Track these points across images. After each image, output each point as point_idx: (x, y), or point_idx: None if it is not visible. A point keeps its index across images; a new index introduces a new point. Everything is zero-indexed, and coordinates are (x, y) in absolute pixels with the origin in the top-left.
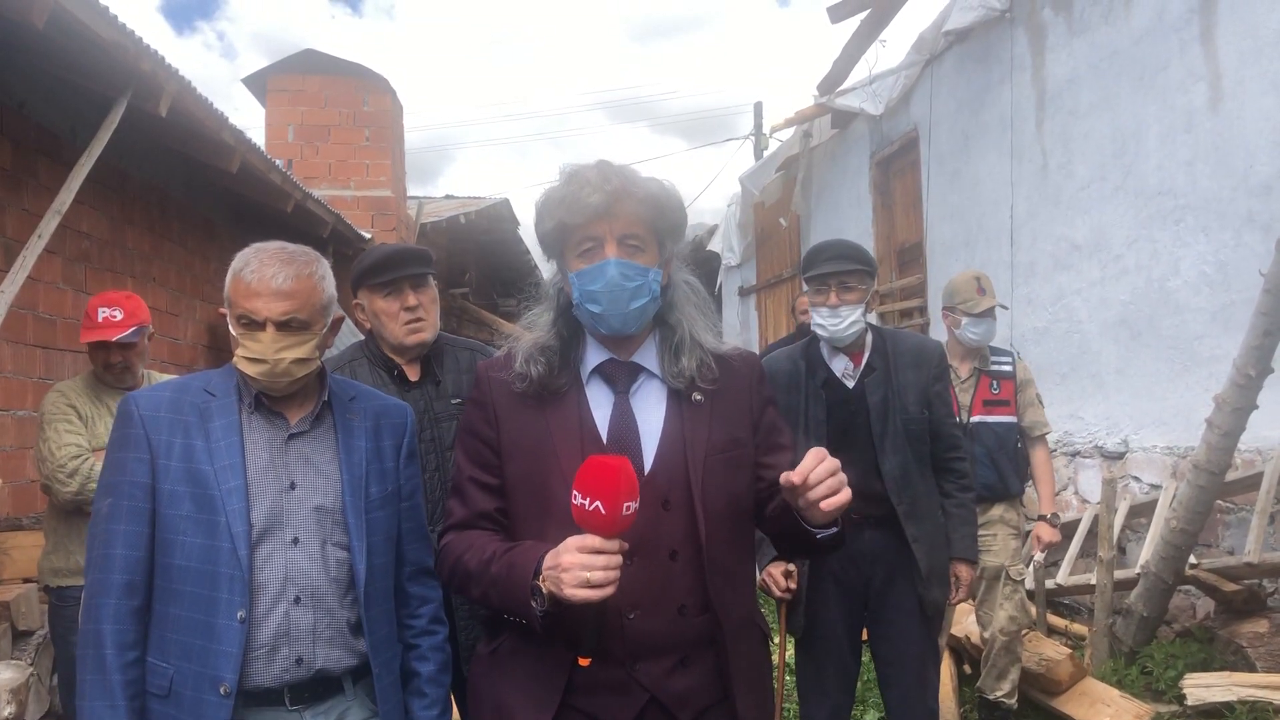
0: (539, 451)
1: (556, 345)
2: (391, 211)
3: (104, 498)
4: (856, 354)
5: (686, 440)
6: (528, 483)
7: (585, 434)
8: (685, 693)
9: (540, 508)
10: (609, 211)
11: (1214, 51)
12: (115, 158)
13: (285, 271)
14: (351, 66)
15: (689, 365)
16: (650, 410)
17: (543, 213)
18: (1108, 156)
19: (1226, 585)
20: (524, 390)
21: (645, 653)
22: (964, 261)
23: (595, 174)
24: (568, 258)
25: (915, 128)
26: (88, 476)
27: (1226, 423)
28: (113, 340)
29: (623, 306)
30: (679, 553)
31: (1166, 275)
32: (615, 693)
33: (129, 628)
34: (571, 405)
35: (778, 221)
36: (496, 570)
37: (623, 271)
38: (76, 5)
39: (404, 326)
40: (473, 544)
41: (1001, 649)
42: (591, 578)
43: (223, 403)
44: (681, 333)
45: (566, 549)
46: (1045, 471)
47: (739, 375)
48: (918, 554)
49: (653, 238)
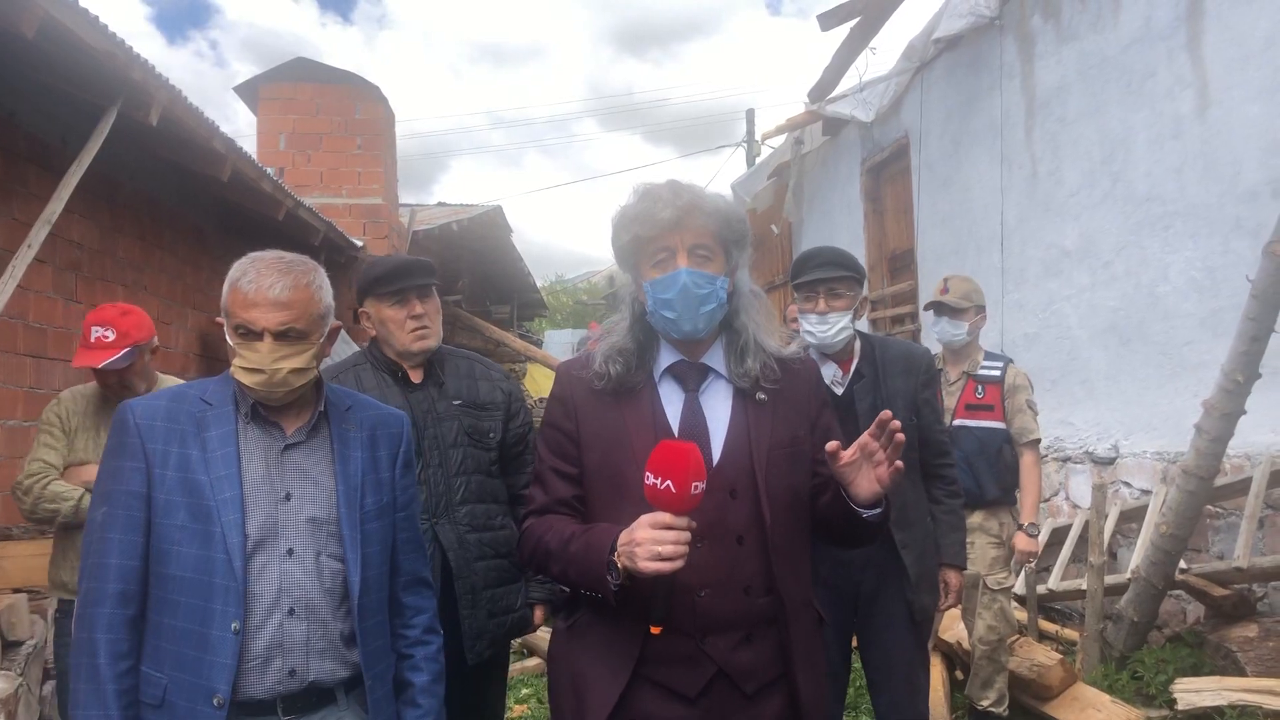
0: (615, 442)
1: (633, 348)
2: (384, 219)
3: (99, 506)
4: (845, 361)
5: (751, 435)
6: (605, 470)
7: (658, 427)
8: (750, 666)
9: (616, 493)
10: (680, 224)
11: (1201, 59)
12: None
13: (283, 282)
14: (343, 75)
15: (753, 366)
16: (718, 407)
17: (619, 227)
18: (1097, 163)
19: (1216, 590)
20: (603, 388)
21: (714, 628)
22: (954, 268)
23: (667, 191)
24: (642, 268)
25: (906, 134)
26: (39, 497)
27: (1215, 428)
28: (98, 367)
29: (694, 312)
30: (745, 538)
31: (1155, 281)
32: (685, 664)
33: (123, 637)
34: (645, 401)
35: (770, 228)
36: (575, 549)
37: (694, 280)
38: (67, 14)
39: (411, 334)
40: (553, 526)
41: (983, 658)
42: (663, 551)
43: (219, 412)
44: (746, 336)
45: (640, 525)
46: (1030, 480)
47: (799, 377)
48: (907, 560)
49: (720, 248)
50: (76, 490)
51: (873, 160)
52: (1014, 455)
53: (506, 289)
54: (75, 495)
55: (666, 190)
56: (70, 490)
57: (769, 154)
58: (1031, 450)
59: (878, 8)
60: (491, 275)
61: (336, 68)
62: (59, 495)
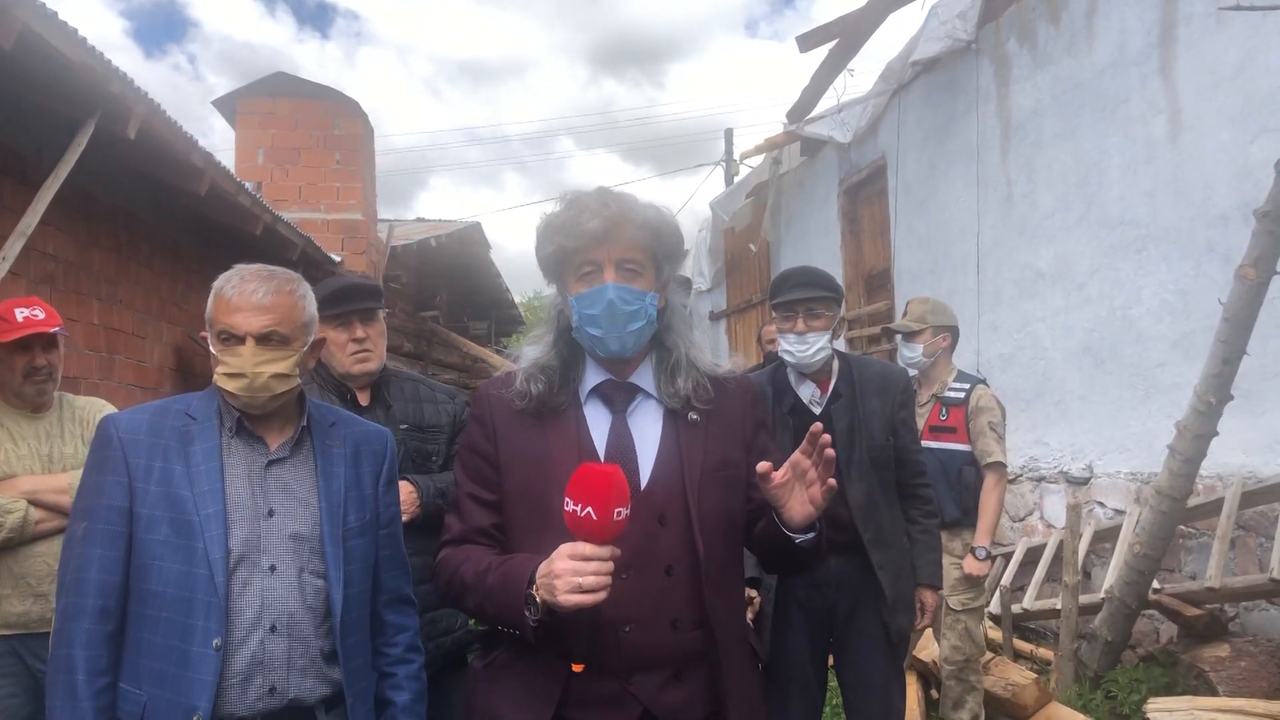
0: (537, 466)
1: (557, 365)
2: (362, 234)
3: (79, 521)
4: (823, 380)
5: (683, 458)
6: (526, 496)
7: (583, 450)
8: (679, 706)
9: (539, 520)
10: (608, 236)
11: (1174, 85)
12: (82, 179)
13: (266, 287)
14: (322, 90)
15: (685, 386)
16: (647, 429)
17: (543, 237)
18: (1071, 186)
19: (1188, 610)
20: (524, 408)
21: (640, 666)
22: (930, 288)
23: (594, 200)
24: (567, 281)
25: (883, 156)
26: None
27: (1188, 449)
28: (50, 331)
29: (621, 329)
30: (674, 567)
31: (1129, 303)
32: (610, 706)
33: (101, 653)
34: (570, 423)
35: (748, 247)
36: (492, 581)
37: (621, 295)
38: (45, 27)
39: (350, 356)
40: (469, 557)
41: (950, 678)
42: (584, 583)
43: (203, 426)
44: (678, 354)
45: (559, 556)
46: (987, 502)
47: (733, 397)
48: (883, 580)
49: (650, 262)
50: (19, 502)
51: (850, 181)
52: (977, 477)
53: (484, 304)
54: (20, 507)
55: (594, 200)
56: (12, 502)
57: (747, 173)
58: (993, 473)
59: (856, 30)
60: (469, 291)
61: (315, 83)
62: (2, 508)
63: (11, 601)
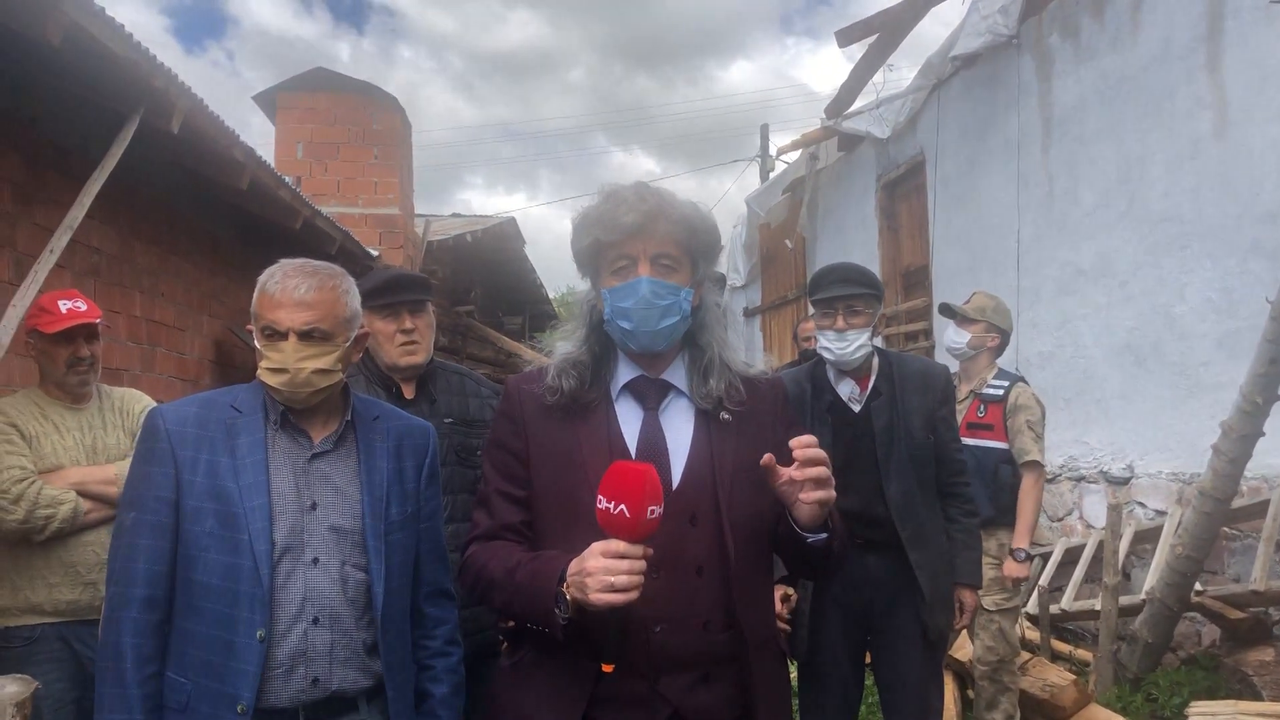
0: (567, 462)
1: (588, 360)
2: (399, 229)
3: (128, 511)
4: (863, 378)
5: (714, 458)
6: (555, 492)
7: (614, 447)
8: (708, 708)
9: (568, 517)
10: (643, 230)
11: (1220, 80)
12: (125, 173)
13: (308, 283)
14: (360, 85)
15: (717, 386)
16: (678, 428)
17: (579, 229)
18: (1113, 183)
19: (1232, 613)
20: (554, 403)
21: (669, 667)
22: (969, 285)
23: (632, 193)
24: (602, 274)
25: (922, 151)
26: (35, 501)
27: (1233, 449)
28: (92, 323)
29: (653, 324)
30: (704, 568)
31: (1172, 301)
32: (638, 706)
33: (148, 642)
34: (600, 419)
35: (783, 243)
36: (520, 578)
37: (654, 290)
38: (92, 22)
39: (399, 348)
40: (497, 553)
41: (983, 679)
42: (615, 582)
43: (249, 419)
44: (711, 354)
45: (591, 554)
46: (1025, 502)
47: (764, 398)
48: (921, 579)
49: (686, 258)
50: (70, 493)
51: (888, 177)
52: (1014, 475)
53: (519, 300)
54: (71, 498)
55: (631, 193)
56: (64, 493)
57: (783, 169)
58: (1030, 472)
59: (895, 25)
60: (504, 286)
61: (354, 78)
62: (55, 499)
63: (61, 590)
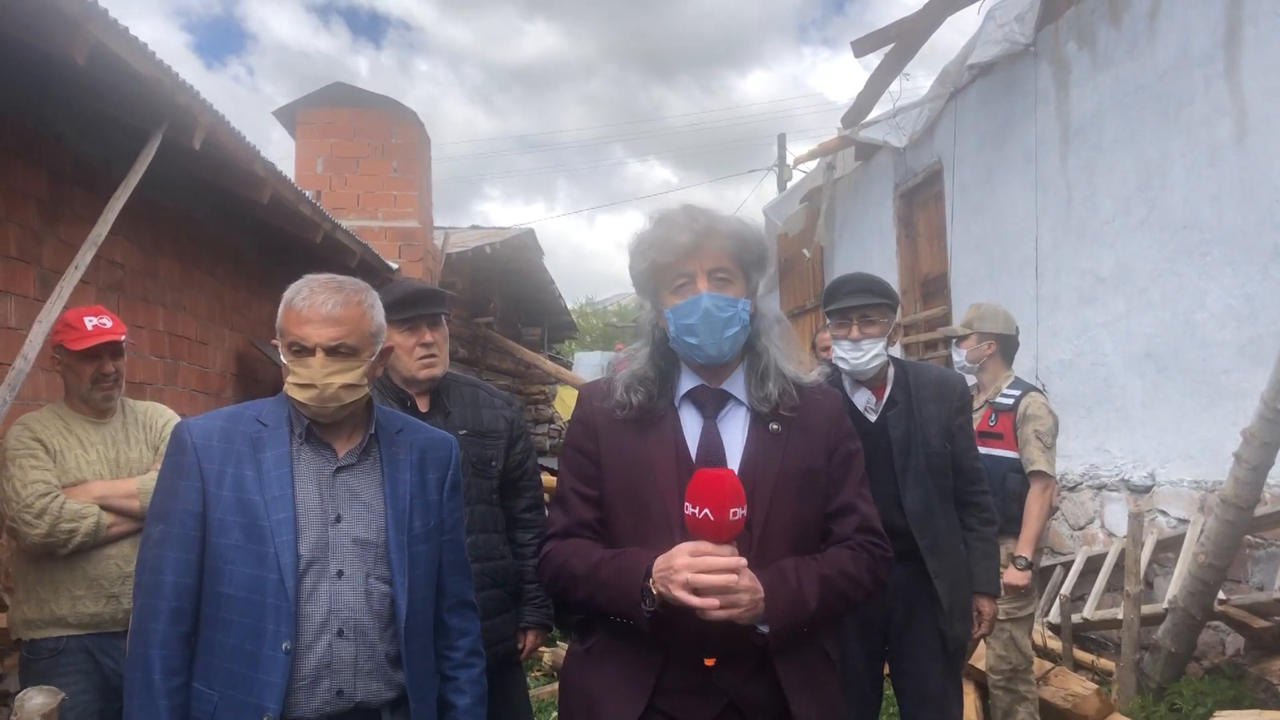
0: (638, 467)
1: (654, 376)
2: (418, 242)
3: (155, 524)
4: (879, 387)
5: (764, 463)
6: (626, 495)
7: (679, 454)
8: (760, 700)
9: (639, 519)
10: (698, 249)
11: (1239, 86)
12: (148, 189)
13: (335, 299)
14: (379, 99)
15: (773, 391)
16: (734, 434)
17: (636, 254)
18: (1132, 190)
19: (1256, 621)
20: (624, 417)
21: (724, 659)
22: (987, 293)
23: (683, 215)
24: (662, 295)
25: (939, 160)
26: (58, 515)
27: (1255, 457)
28: (119, 339)
29: (718, 335)
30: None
31: (1192, 309)
32: (696, 696)
33: (176, 653)
34: (667, 428)
35: (801, 253)
36: (606, 574)
37: (715, 303)
38: (116, 41)
39: (418, 361)
40: (577, 550)
41: (996, 688)
42: (695, 580)
43: (274, 433)
44: (767, 359)
45: (679, 553)
46: (1031, 511)
47: (820, 408)
48: (940, 589)
49: (739, 270)
50: (93, 507)
51: (906, 185)
52: (1022, 484)
53: (538, 311)
54: (94, 512)
55: (682, 215)
56: (87, 507)
57: (801, 178)
58: (1036, 482)
59: (911, 34)
60: (523, 297)
61: (373, 92)
62: (78, 514)
63: (85, 602)
